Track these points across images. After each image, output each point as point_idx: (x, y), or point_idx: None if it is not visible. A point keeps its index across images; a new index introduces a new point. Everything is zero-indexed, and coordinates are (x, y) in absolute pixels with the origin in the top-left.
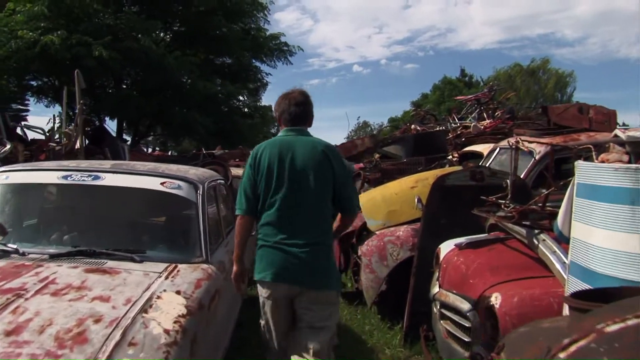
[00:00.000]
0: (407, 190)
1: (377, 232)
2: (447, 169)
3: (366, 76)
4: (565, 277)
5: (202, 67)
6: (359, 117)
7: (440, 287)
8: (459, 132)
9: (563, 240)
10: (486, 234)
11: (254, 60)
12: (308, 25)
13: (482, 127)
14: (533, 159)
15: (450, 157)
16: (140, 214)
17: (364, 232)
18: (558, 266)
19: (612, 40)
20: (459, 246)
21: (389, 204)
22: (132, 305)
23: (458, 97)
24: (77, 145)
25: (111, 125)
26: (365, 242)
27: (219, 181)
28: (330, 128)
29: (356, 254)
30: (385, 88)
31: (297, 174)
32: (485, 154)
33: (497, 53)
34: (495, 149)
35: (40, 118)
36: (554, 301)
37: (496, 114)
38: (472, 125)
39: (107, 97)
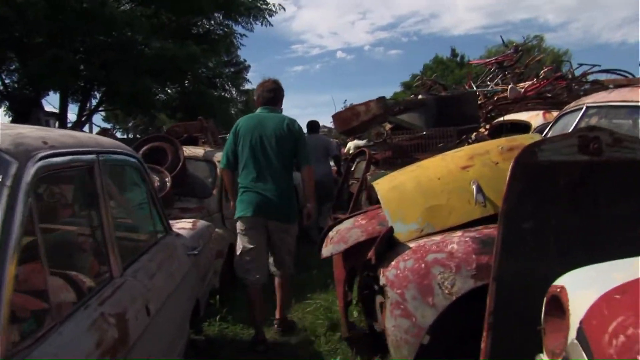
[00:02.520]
0: (457, 172)
1: (411, 245)
2: (522, 138)
3: (350, 62)
4: None
5: (164, 29)
6: (345, 100)
7: None
8: (481, 100)
9: None
10: None
11: (226, 21)
12: (291, 12)
13: (522, 90)
14: None
15: (481, 129)
16: None
17: (387, 243)
18: None
19: (593, 25)
20: None
21: (428, 195)
22: None
23: (473, 62)
24: None
25: (53, 101)
26: (394, 262)
27: (108, 156)
28: (315, 114)
29: (375, 282)
30: (369, 74)
31: (267, 140)
32: (534, 123)
33: (480, 38)
34: (576, 110)
35: None
36: None
37: (540, 74)
38: (508, 88)
39: (34, 59)
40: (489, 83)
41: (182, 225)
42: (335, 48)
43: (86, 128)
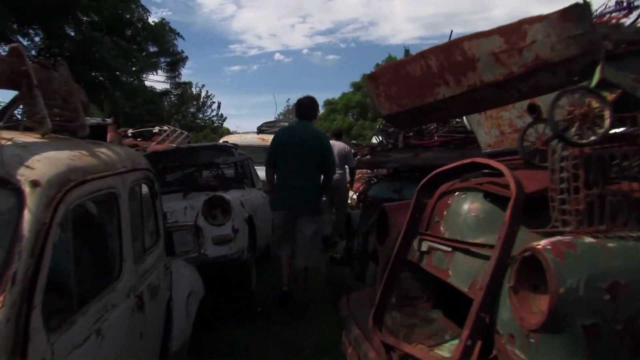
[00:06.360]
0: None
1: None
2: None
3: (288, 65)
4: None
5: None
6: (288, 99)
7: None
8: None
9: None
10: None
11: None
12: (231, 11)
13: None
14: None
15: None
16: None
17: None
18: None
19: None
20: None
21: None
22: None
23: None
24: None
25: None
26: None
27: None
28: (252, 115)
29: None
30: (306, 77)
31: (300, 148)
32: None
33: (417, 48)
34: None
35: None
36: None
37: None
38: None
39: None
40: None
41: None
42: (273, 50)
43: None
